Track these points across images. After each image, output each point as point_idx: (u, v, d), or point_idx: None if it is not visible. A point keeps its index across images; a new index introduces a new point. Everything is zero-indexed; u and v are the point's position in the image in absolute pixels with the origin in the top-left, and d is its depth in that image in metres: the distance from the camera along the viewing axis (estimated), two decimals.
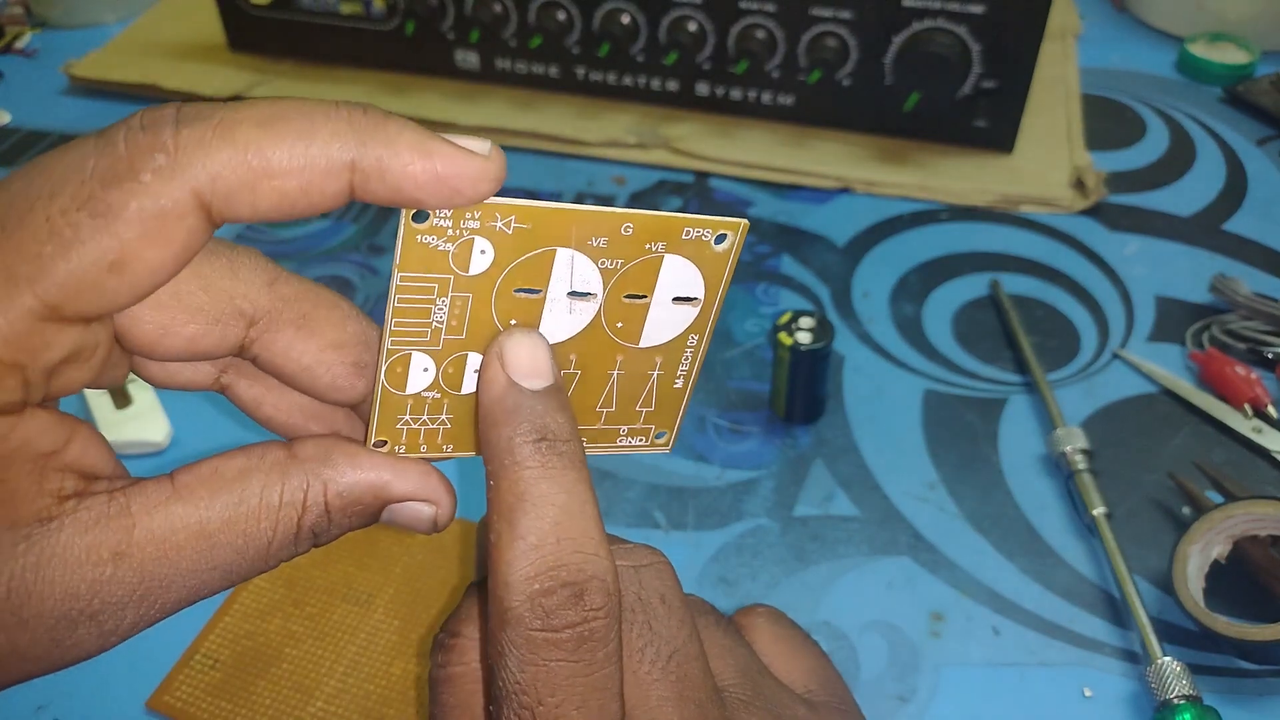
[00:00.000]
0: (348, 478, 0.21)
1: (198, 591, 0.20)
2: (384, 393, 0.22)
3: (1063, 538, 0.44)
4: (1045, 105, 0.67)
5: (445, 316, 0.21)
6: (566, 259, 0.21)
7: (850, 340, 0.53)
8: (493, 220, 0.20)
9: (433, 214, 0.20)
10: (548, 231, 0.21)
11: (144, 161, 0.18)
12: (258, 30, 0.72)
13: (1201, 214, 0.61)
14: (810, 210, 0.61)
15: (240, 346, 0.22)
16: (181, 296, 0.21)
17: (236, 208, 0.18)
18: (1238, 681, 0.39)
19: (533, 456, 0.21)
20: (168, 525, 0.20)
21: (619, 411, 0.24)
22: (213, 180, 0.18)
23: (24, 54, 0.78)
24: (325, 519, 0.21)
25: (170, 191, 0.18)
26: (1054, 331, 0.53)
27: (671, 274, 0.22)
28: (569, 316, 0.22)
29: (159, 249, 0.18)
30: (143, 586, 0.19)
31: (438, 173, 0.19)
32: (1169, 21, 0.76)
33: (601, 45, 0.64)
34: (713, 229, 0.22)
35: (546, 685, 0.20)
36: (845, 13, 0.59)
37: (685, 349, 0.24)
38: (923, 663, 0.39)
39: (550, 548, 0.20)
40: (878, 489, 0.46)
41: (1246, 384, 0.48)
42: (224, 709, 0.38)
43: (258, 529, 0.20)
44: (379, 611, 0.41)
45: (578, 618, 0.20)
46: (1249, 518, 0.40)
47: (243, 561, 0.20)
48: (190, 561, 0.20)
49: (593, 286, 0.22)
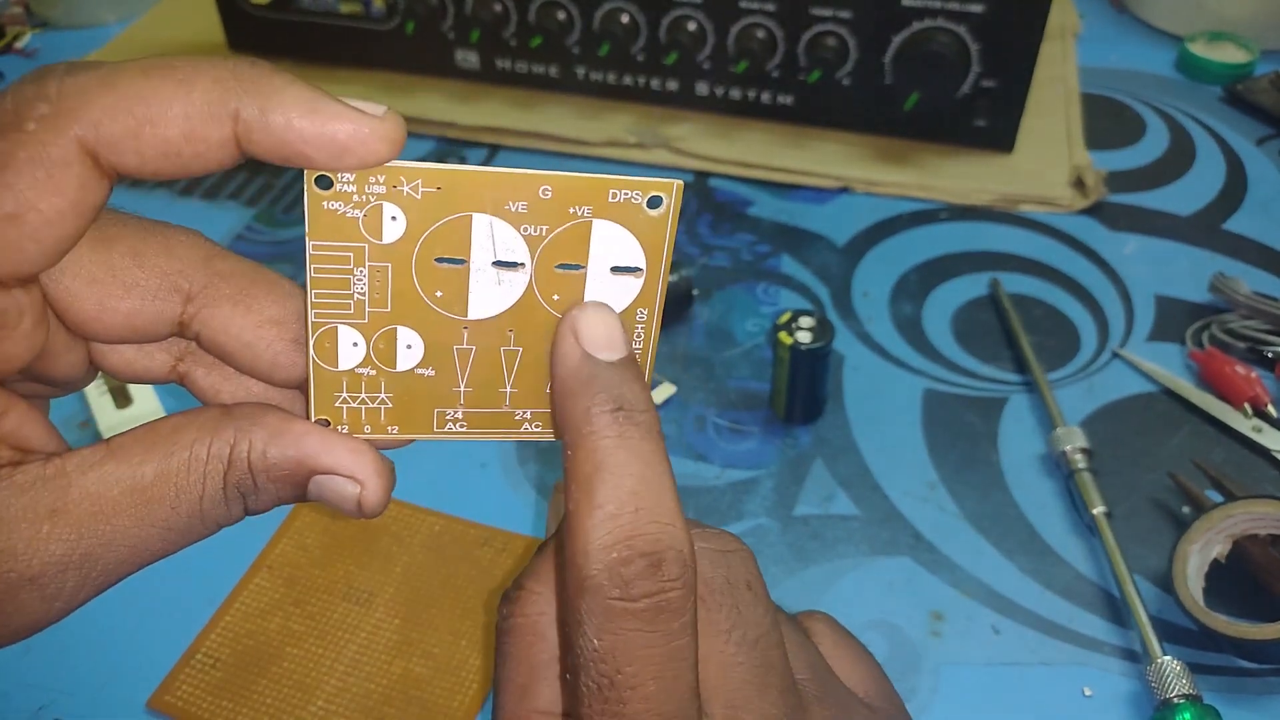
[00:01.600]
0: (275, 442, 0.21)
1: (139, 551, 0.20)
2: (316, 368, 0.22)
3: (1063, 537, 0.44)
4: (1045, 105, 0.67)
5: (366, 288, 0.21)
6: (485, 225, 0.21)
7: (850, 340, 0.53)
8: (398, 184, 0.20)
9: (335, 179, 0.20)
10: (459, 196, 0.20)
11: (28, 111, 0.18)
12: (257, 30, 0.72)
13: (1201, 213, 0.61)
14: (810, 210, 0.61)
15: (179, 324, 0.22)
16: (116, 271, 0.21)
17: (123, 156, 0.18)
18: (1237, 680, 0.39)
19: (610, 426, 0.20)
20: (102, 483, 0.19)
21: None
22: (96, 127, 0.18)
23: (24, 54, 0.78)
24: (250, 480, 0.21)
25: (55, 139, 0.18)
26: (1054, 331, 0.53)
27: (604, 241, 0.21)
28: (498, 288, 0.21)
29: (51, 197, 0.18)
30: (83, 545, 0.19)
31: (323, 129, 0.19)
32: (1168, 21, 0.76)
33: (602, 45, 0.64)
34: (643, 190, 0.21)
35: (624, 654, 0.20)
36: (845, 12, 0.59)
37: (635, 325, 0.23)
38: (923, 662, 0.39)
39: (628, 517, 0.20)
40: (878, 489, 0.46)
41: (1246, 383, 0.48)
42: (225, 708, 0.38)
43: (188, 483, 0.20)
44: (379, 610, 0.41)
45: (655, 587, 0.20)
46: (1249, 517, 0.40)
47: (178, 517, 0.20)
48: (127, 518, 0.20)
49: (519, 255, 0.21)
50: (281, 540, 0.43)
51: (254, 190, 0.64)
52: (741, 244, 0.59)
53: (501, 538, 0.43)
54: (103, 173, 0.19)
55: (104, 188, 0.19)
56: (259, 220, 0.62)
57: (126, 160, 0.19)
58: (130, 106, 0.18)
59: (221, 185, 0.65)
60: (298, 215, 0.62)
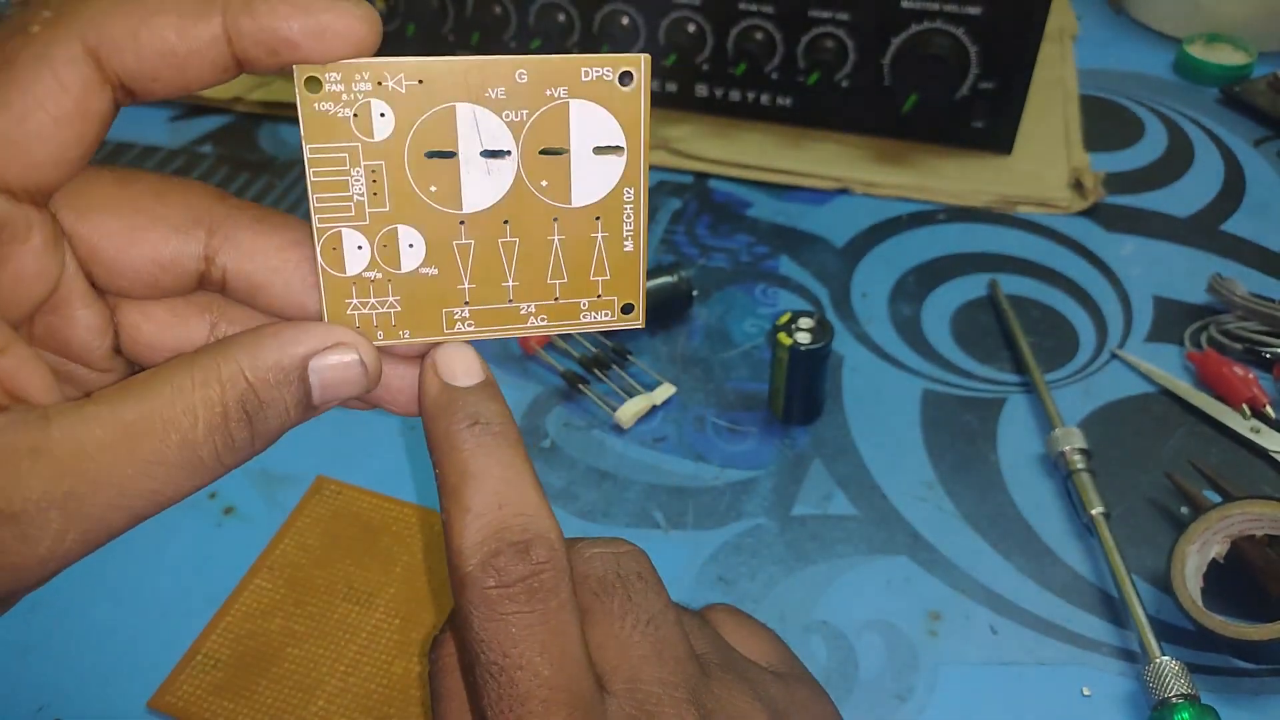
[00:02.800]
0: (254, 348, 0.21)
1: (126, 493, 0.20)
2: (325, 275, 0.22)
3: (1061, 537, 0.44)
4: (1043, 106, 0.67)
5: (364, 188, 0.22)
6: (469, 114, 0.22)
7: (849, 341, 0.53)
8: (383, 79, 0.21)
9: (324, 79, 0.21)
10: (441, 86, 0.21)
11: (31, 16, 0.19)
12: None
13: (1199, 214, 0.61)
14: (809, 211, 0.62)
15: (205, 258, 0.22)
16: (140, 206, 0.22)
17: (124, 54, 0.19)
18: (1235, 681, 0.39)
19: (469, 439, 0.22)
20: (83, 423, 0.19)
21: (573, 283, 0.24)
22: (97, 27, 0.19)
23: None
24: (251, 393, 0.21)
25: (58, 37, 0.19)
26: (1052, 332, 0.53)
27: (583, 121, 0.22)
28: (488, 178, 0.22)
29: (57, 95, 0.19)
30: (65, 483, 0.19)
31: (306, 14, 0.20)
32: (1166, 23, 0.77)
33: (601, 47, 0.64)
34: (614, 66, 0.22)
35: (508, 637, 0.21)
36: (843, 14, 0.60)
37: (624, 205, 0.23)
38: (921, 662, 0.39)
39: (493, 514, 0.22)
40: (876, 489, 0.46)
41: (1244, 384, 0.48)
42: (225, 708, 0.38)
43: (176, 414, 0.20)
44: (380, 611, 0.41)
45: (527, 570, 0.21)
46: (1246, 517, 0.40)
47: (167, 450, 0.20)
48: (110, 455, 0.19)
49: (504, 143, 0.22)
50: (282, 541, 0.43)
51: (254, 191, 0.64)
52: (740, 245, 0.59)
53: None
54: (105, 77, 0.19)
55: (108, 94, 0.20)
56: None
57: (127, 60, 0.19)
58: (127, 8, 0.19)
59: (223, 186, 0.65)
60: (299, 215, 0.62)
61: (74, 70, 0.19)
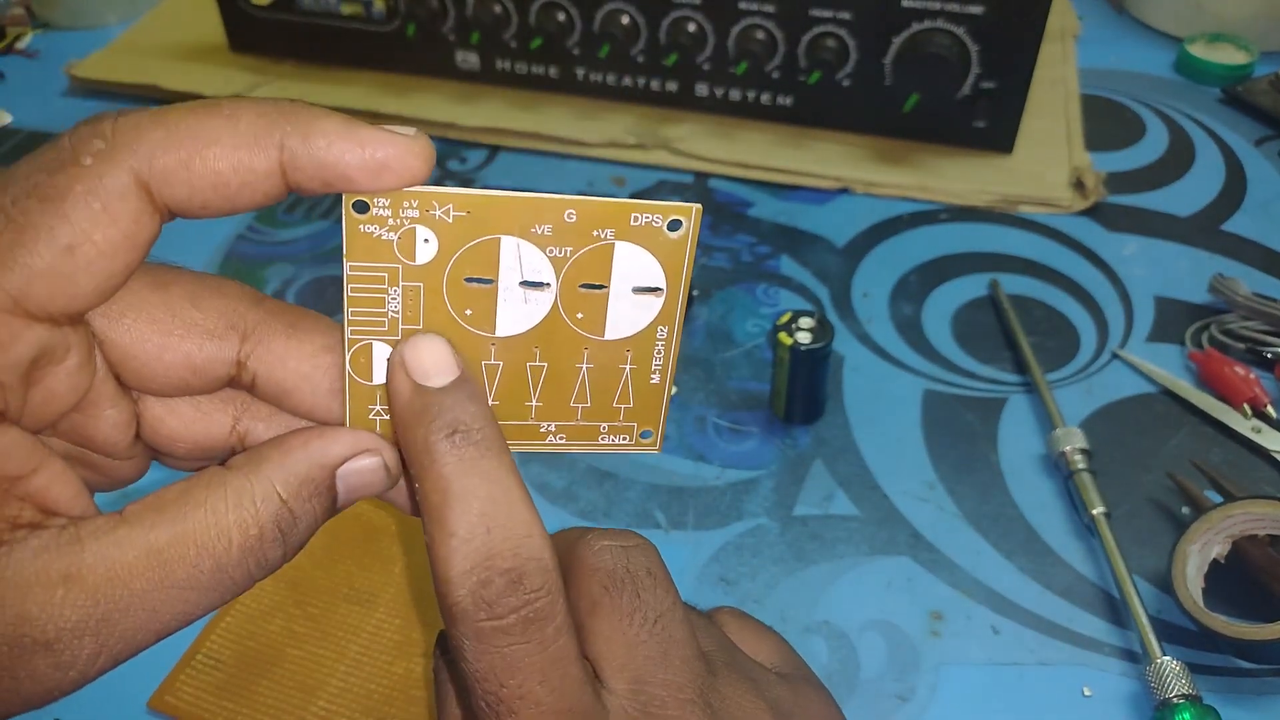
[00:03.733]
0: (285, 461, 0.21)
1: (158, 616, 0.20)
2: (351, 382, 0.22)
3: (1062, 537, 0.44)
4: (1044, 106, 0.67)
5: (400, 306, 0.22)
6: (513, 247, 0.22)
7: (850, 340, 0.53)
8: (431, 209, 0.21)
9: (372, 204, 0.21)
10: (488, 219, 0.21)
11: (84, 148, 0.19)
12: (259, 31, 0.72)
13: (1200, 214, 0.61)
14: (810, 211, 0.62)
15: (236, 363, 0.22)
16: (176, 311, 0.22)
17: (175, 188, 0.19)
18: (1237, 681, 0.39)
19: (449, 452, 0.21)
20: (116, 547, 0.19)
21: (596, 407, 0.24)
22: (149, 159, 0.19)
23: (25, 55, 0.79)
24: (286, 510, 0.21)
25: (110, 170, 0.19)
26: (1053, 331, 0.53)
27: (626, 262, 0.22)
28: (525, 306, 0.22)
29: (106, 228, 0.19)
30: (98, 610, 0.19)
31: (363, 149, 0.19)
32: (1168, 22, 0.77)
33: (602, 46, 0.64)
34: (664, 214, 0.22)
35: (505, 669, 0.20)
36: (845, 13, 0.60)
37: (656, 342, 0.23)
38: (922, 662, 0.39)
39: (480, 539, 0.20)
40: (877, 489, 0.46)
41: (1245, 384, 0.48)
42: (226, 709, 0.38)
43: (210, 539, 0.20)
44: (381, 611, 0.41)
45: (519, 602, 0.20)
46: (1248, 517, 0.40)
47: (200, 575, 0.20)
48: (143, 581, 0.19)
49: (545, 276, 0.22)
50: None
51: None
52: (741, 245, 0.59)
53: None
54: (155, 207, 0.19)
55: (155, 222, 0.20)
56: (260, 221, 0.62)
57: (178, 192, 0.19)
58: (181, 139, 0.19)
59: None
60: (299, 215, 0.62)
61: (124, 204, 0.19)
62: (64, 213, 0.18)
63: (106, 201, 0.19)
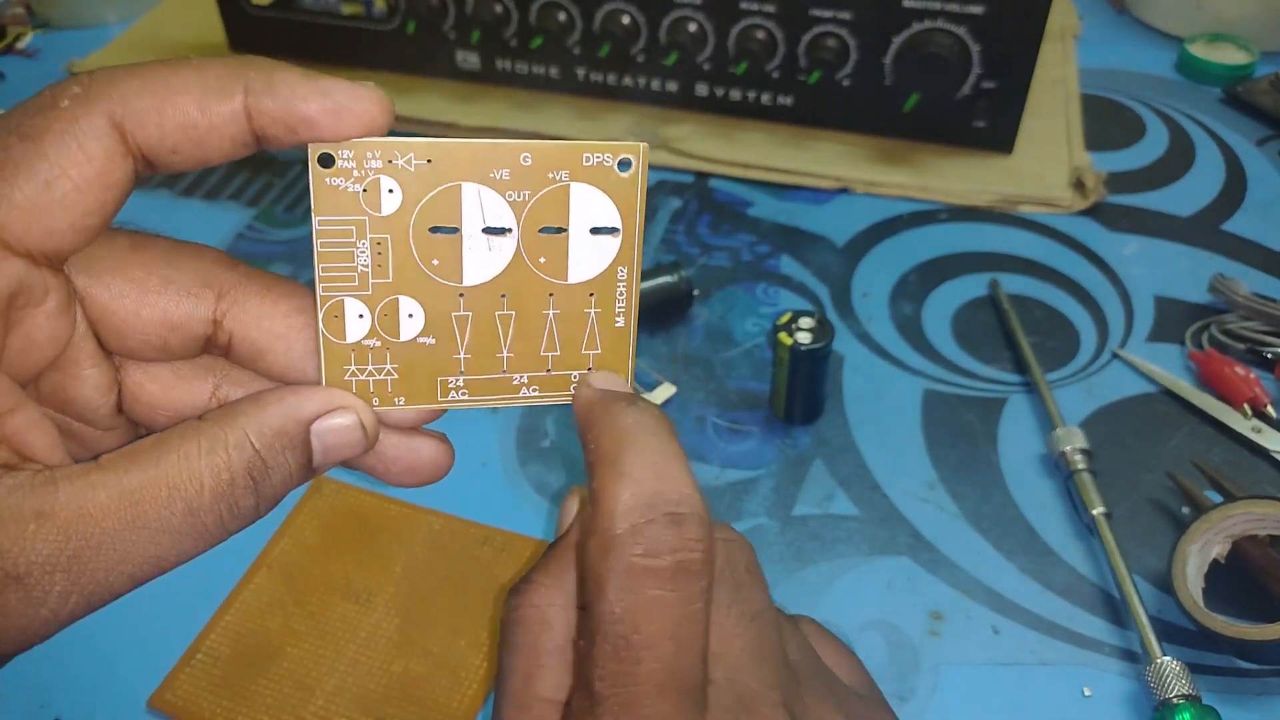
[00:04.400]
0: (260, 414, 0.21)
1: (130, 557, 0.20)
2: (325, 342, 0.23)
3: (1062, 537, 0.44)
4: (1045, 106, 0.67)
5: (369, 260, 0.23)
6: (473, 194, 0.23)
7: (850, 340, 0.53)
8: (393, 158, 0.22)
9: (337, 156, 0.22)
10: (448, 166, 0.22)
11: (63, 93, 0.20)
12: (259, 30, 0.72)
13: (1201, 214, 0.61)
14: (810, 210, 0.62)
15: (213, 321, 0.23)
16: (153, 269, 0.22)
17: (147, 129, 0.20)
18: (1237, 681, 0.39)
19: (628, 413, 0.23)
20: (89, 488, 0.20)
21: (565, 356, 0.24)
22: (123, 102, 0.20)
23: (25, 54, 0.79)
24: (258, 458, 0.21)
25: (85, 114, 0.20)
26: (1053, 331, 0.53)
27: (582, 203, 0.23)
28: (489, 254, 0.23)
29: (81, 165, 0.20)
30: (70, 546, 0.19)
31: (324, 94, 0.21)
32: (1168, 22, 0.77)
33: (602, 46, 0.64)
34: (613, 154, 0.23)
35: (644, 613, 0.21)
36: (845, 13, 0.59)
37: (617, 283, 0.24)
38: (922, 662, 0.39)
39: (650, 482, 0.21)
40: (877, 489, 0.46)
41: (1245, 384, 0.48)
42: (225, 707, 0.38)
43: (182, 481, 0.20)
44: (379, 609, 0.41)
45: (677, 544, 0.21)
46: (1248, 517, 0.40)
47: (173, 517, 0.20)
48: (115, 520, 0.20)
49: (506, 221, 0.23)
50: (282, 539, 0.43)
51: (255, 191, 0.64)
52: (741, 244, 0.59)
53: (501, 537, 0.43)
54: (128, 149, 0.20)
55: (129, 165, 0.21)
56: (260, 220, 0.62)
57: (150, 135, 0.20)
58: (153, 86, 0.20)
59: (222, 185, 0.65)
60: (299, 215, 0.62)
61: (98, 142, 0.20)
62: (43, 151, 0.20)
63: (82, 140, 0.20)
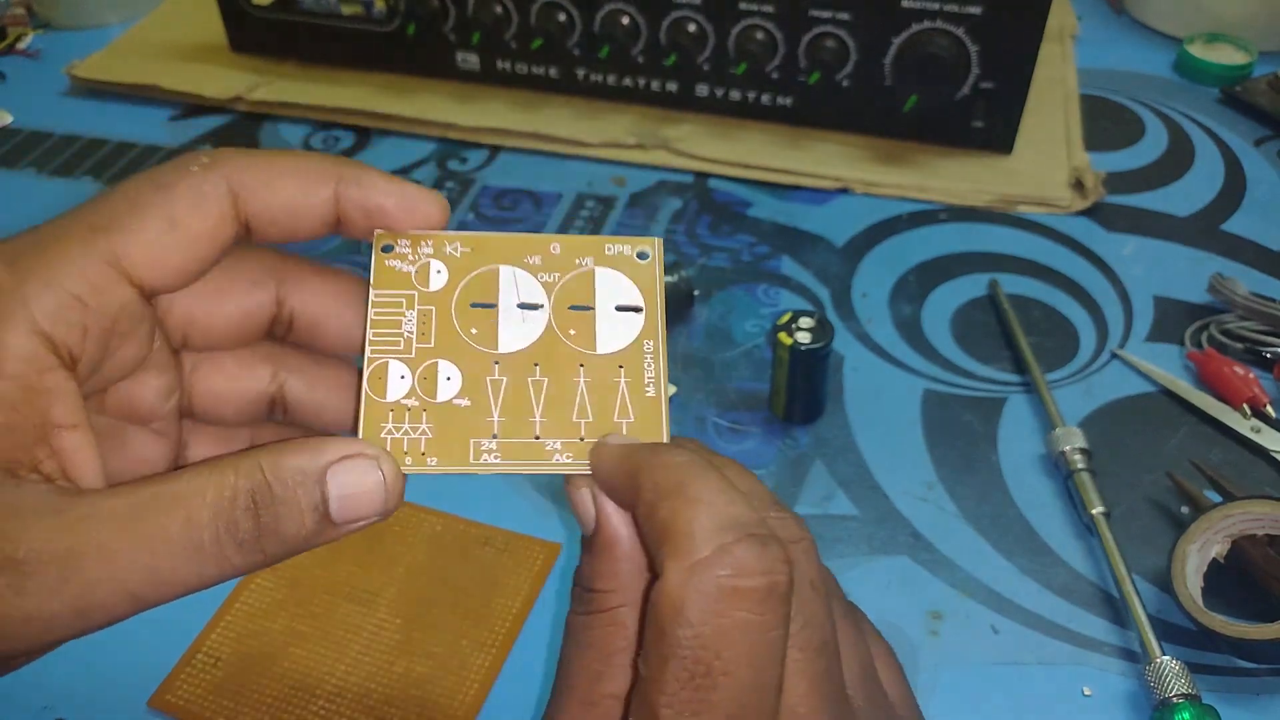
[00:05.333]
0: (280, 449, 0.22)
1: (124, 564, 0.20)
2: (367, 399, 0.24)
3: (1061, 537, 0.44)
4: (1044, 106, 0.67)
5: (414, 327, 0.25)
6: (509, 275, 0.26)
7: (849, 340, 0.53)
8: (443, 247, 0.26)
9: (396, 244, 0.25)
10: (489, 252, 0.26)
11: (193, 160, 0.24)
12: (259, 31, 0.72)
13: (1199, 214, 0.61)
14: (809, 211, 0.62)
15: (278, 302, 0.26)
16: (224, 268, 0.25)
17: (255, 201, 0.24)
18: (1236, 680, 0.39)
19: (680, 453, 0.23)
20: (101, 498, 0.21)
21: (598, 423, 0.25)
22: (240, 173, 0.24)
23: (26, 55, 0.79)
24: (264, 485, 0.21)
25: (210, 176, 0.24)
26: (1052, 331, 0.53)
27: (606, 284, 0.26)
28: (523, 325, 0.25)
29: (200, 219, 0.23)
30: (66, 540, 0.20)
31: (400, 194, 0.25)
32: (1167, 22, 0.77)
33: (602, 47, 0.64)
34: (632, 245, 0.26)
35: (726, 638, 0.20)
36: (844, 14, 0.60)
37: (644, 355, 0.26)
38: (922, 662, 0.39)
39: (724, 505, 0.21)
40: (877, 488, 0.46)
41: (1244, 384, 0.48)
42: (226, 707, 0.38)
43: (185, 492, 0.21)
44: (381, 611, 0.41)
45: (767, 564, 0.20)
46: (1247, 517, 0.40)
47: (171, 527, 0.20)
48: (115, 525, 0.20)
49: (538, 298, 0.26)
50: None
51: None
52: (741, 245, 0.59)
53: (502, 537, 0.43)
54: (236, 215, 0.24)
55: (233, 229, 0.24)
56: None
57: (257, 205, 0.24)
58: (265, 165, 0.24)
59: None
60: None
61: (217, 204, 0.23)
62: (172, 199, 0.23)
63: (204, 199, 0.23)
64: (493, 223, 0.61)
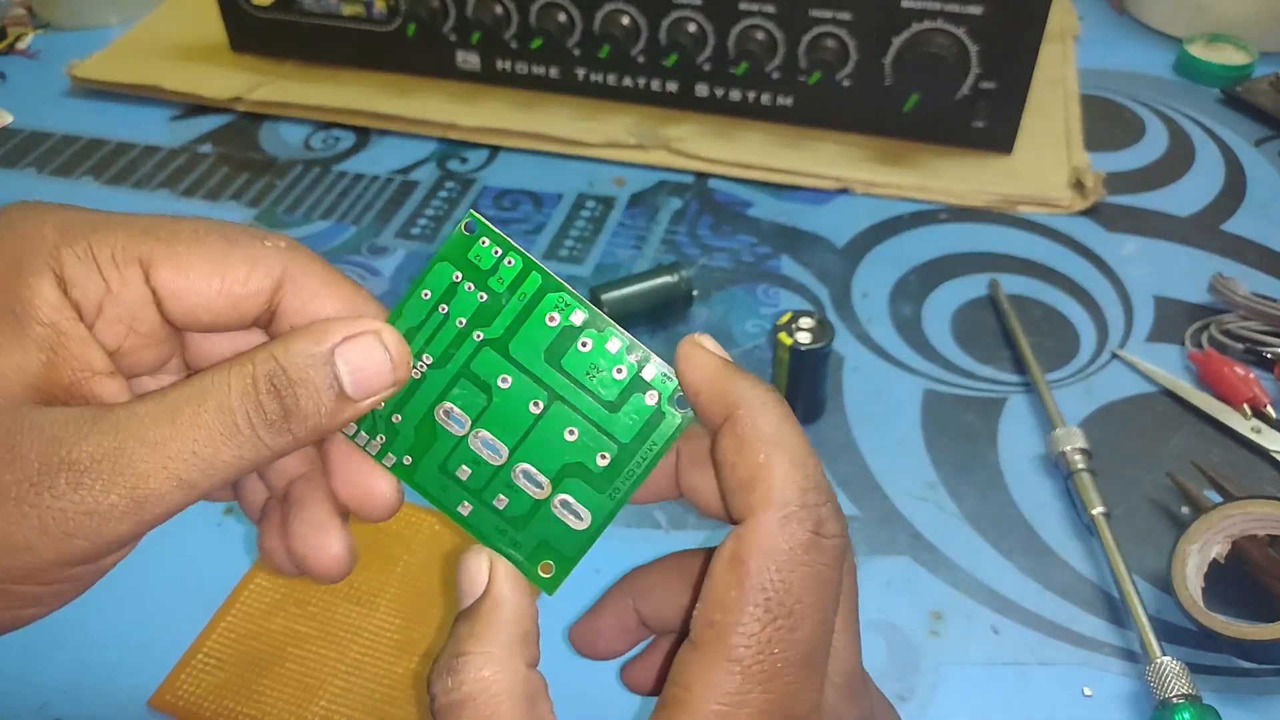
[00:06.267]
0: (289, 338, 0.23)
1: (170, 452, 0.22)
2: None
3: (1062, 537, 0.44)
4: (1044, 106, 0.67)
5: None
6: None
7: (850, 340, 0.53)
8: None
9: None
10: None
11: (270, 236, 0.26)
12: (259, 31, 0.72)
13: (1200, 214, 0.61)
14: (810, 211, 0.62)
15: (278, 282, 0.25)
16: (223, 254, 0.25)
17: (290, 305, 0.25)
18: (1236, 681, 0.39)
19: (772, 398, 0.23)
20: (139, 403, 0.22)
21: None
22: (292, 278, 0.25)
23: (26, 55, 0.79)
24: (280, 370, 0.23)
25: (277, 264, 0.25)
26: (1053, 331, 0.53)
27: None
28: None
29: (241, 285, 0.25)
30: (114, 439, 0.21)
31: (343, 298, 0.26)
32: (1167, 22, 0.77)
33: (602, 47, 0.64)
34: None
35: (809, 585, 0.22)
36: (845, 14, 0.60)
37: None
38: (922, 662, 0.39)
39: (815, 469, 0.23)
40: (877, 488, 0.46)
41: (1245, 384, 0.48)
42: (226, 707, 0.38)
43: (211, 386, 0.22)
44: (382, 611, 0.41)
45: (840, 529, 0.23)
46: (1247, 517, 0.40)
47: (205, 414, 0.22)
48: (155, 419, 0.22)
49: None
50: None
51: (256, 191, 0.64)
52: (741, 245, 0.59)
53: None
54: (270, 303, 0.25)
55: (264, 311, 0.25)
56: (260, 220, 0.62)
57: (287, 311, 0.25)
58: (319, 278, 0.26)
59: (224, 185, 0.65)
60: (300, 215, 0.62)
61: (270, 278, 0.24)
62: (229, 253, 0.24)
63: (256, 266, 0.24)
64: (492, 223, 0.61)
